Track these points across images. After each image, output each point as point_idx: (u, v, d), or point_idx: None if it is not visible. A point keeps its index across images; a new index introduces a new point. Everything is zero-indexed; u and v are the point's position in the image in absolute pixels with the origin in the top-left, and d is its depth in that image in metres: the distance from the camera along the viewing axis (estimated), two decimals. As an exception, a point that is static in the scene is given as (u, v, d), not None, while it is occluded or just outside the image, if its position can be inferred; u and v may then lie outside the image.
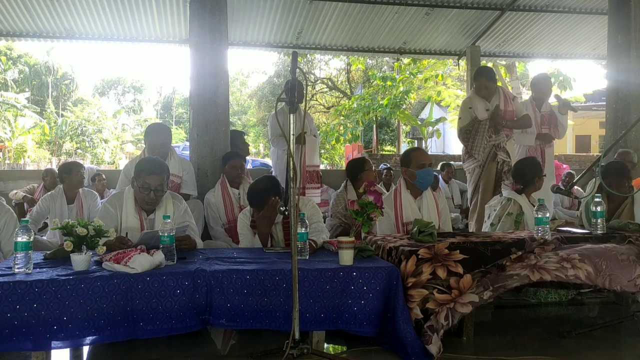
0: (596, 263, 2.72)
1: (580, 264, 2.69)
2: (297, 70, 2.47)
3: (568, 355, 2.64)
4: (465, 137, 4.76)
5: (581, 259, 2.71)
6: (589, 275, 2.68)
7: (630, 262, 2.79)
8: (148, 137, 4.10)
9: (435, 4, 7.10)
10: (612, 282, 2.73)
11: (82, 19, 6.87)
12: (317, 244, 3.01)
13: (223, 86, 4.73)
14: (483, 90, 4.77)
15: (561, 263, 2.68)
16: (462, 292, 2.58)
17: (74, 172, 4.85)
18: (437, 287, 2.57)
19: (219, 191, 4.18)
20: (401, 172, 3.63)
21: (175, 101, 43.08)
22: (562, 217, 6.46)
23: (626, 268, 2.77)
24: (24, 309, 2.19)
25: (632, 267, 2.79)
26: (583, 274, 2.67)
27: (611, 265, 2.75)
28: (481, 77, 4.81)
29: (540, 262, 2.69)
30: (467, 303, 2.55)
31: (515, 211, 3.61)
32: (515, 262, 2.69)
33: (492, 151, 4.65)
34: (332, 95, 25.40)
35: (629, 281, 2.77)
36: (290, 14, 7.13)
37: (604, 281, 2.71)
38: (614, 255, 2.78)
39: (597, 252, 2.77)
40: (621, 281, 2.75)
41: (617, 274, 2.75)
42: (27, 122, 25.88)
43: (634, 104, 5.44)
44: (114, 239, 2.80)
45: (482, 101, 4.74)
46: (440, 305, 2.54)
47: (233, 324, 2.46)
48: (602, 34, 7.19)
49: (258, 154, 30.51)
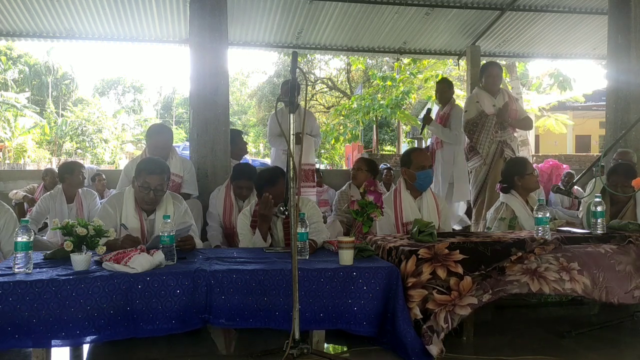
0: (594, 275, 2.74)
1: (579, 276, 2.71)
2: (297, 70, 2.47)
3: (568, 355, 2.64)
4: (471, 130, 4.75)
5: (580, 270, 2.72)
6: (585, 288, 2.70)
7: (626, 273, 2.82)
8: (150, 139, 4.08)
9: (435, 4, 7.10)
10: (608, 294, 2.76)
11: (82, 19, 6.86)
12: (317, 244, 3.02)
13: (223, 86, 4.73)
14: (490, 80, 4.77)
15: (560, 274, 2.69)
16: (462, 294, 2.57)
17: (76, 172, 4.86)
18: (437, 287, 2.57)
19: (222, 193, 4.10)
20: (401, 172, 3.64)
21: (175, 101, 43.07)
22: (562, 217, 6.46)
23: (622, 280, 2.80)
24: (25, 309, 2.20)
25: (628, 278, 2.82)
26: (580, 288, 2.69)
27: (608, 277, 2.77)
28: (489, 67, 4.85)
29: (541, 267, 2.69)
30: (465, 305, 2.55)
31: (508, 215, 3.60)
32: (515, 263, 2.69)
33: (499, 147, 4.65)
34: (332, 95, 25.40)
35: (625, 293, 2.81)
36: (290, 14, 7.13)
37: (601, 294, 2.74)
38: (612, 265, 2.79)
39: (597, 260, 2.77)
40: (618, 293, 2.78)
41: (614, 286, 2.77)
42: (27, 122, 25.87)
43: (634, 104, 5.43)
44: (123, 237, 2.80)
45: (488, 96, 4.75)
46: (439, 306, 2.54)
47: (233, 324, 2.46)
48: (602, 34, 7.19)
49: (258, 154, 30.52)
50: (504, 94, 4.79)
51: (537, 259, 2.72)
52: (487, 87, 4.79)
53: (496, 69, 4.81)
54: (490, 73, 4.80)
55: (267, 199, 3.10)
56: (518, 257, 2.71)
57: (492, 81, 4.77)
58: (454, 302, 2.55)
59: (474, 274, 2.63)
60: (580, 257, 2.77)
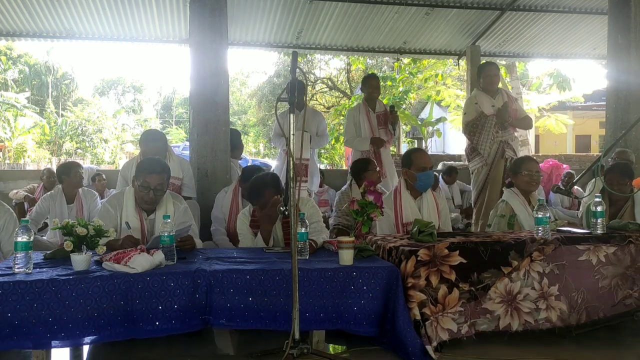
0: (572, 299, 2.77)
1: (556, 302, 2.75)
2: (297, 70, 2.47)
3: (568, 355, 2.64)
4: (471, 131, 4.75)
5: (558, 296, 2.75)
6: (562, 314, 2.74)
7: (611, 287, 2.85)
8: (142, 145, 3.99)
9: (435, 4, 7.10)
10: (590, 313, 2.80)
11: (82, 19, 6.87)
12: (317, 244, 3.02)
13: (223, 86, 4.73)
14: (488, 80, 4.78)
15: (537, 303, 2.72)
16: (445, 308, 2.60)
17: (73, 172, 4.86)
18: (429, 296, 2.60)
19: (229, 196, 3.99)
20: (402, 173, 3.63)
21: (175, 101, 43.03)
22: (563, 217, 6.45)
23: (606, 296, 2.84)
24: (24, 309, 2.19)
25: (614, 292, 2.85)
26: (555, 315, 2.73)
27: (589, 298, 2.81)
28: (486, 67, 4.88)
29: (522, 293, 2.72)
30: (445, 329, 2.58)
31: (507, 213, 3.59)
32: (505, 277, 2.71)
33: (500, 148, 4.65)
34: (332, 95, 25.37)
35: (613, 306, 2.84)
36: (290, 14, 7.13)
37: (579, 317, 2.78)
38: (595, 283, 2.82)
39: (580, 278, 2.80)
40: (603, 309, 2.82)
41: (596, 304, 2.81)
42: (27, 122, 25.84)
43: (634, 104, 5.44)
44: (123, 238, 2.80)
45: (487, 97, 4.75)
46: (431, 315, 2.57)
47: (233, 324, 2.46)
48: (602, 34, 7.19)
49: (258, 154, 30.50)
50: (503, 94, 4.79)
51: (526, 275, 2.74)
52: (485, 88, 4.79)
53: (492, 69, 4.82)
54: (487, 73, 4.80)
55: (277, 201, 3.10)
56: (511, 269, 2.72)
57: (490, 81, 4.77)
58: (438, 316, 2.58)
59: (463, 287, 2.65)
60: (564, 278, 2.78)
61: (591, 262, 2.85)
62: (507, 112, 4.63)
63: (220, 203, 4.03)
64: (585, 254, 2.85)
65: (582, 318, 2.78)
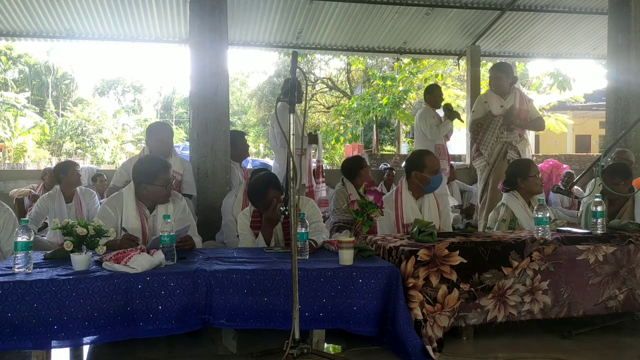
0: (558, 293, 2.80)
1: (542, 296, 2.79)
2: (297, 70, 2.47)
3: (568, 355, 2.64)
4: (476, 130, 4.76)
5: (546, 290, 2.79)
6: (544, 307, 2.79)
7: (599, 285, 2.86)
8: (152, 134, 3.99)
9: (435, 4, 7.11)
10: (571, 309, 2.83)
11: (82, 19, 6.87)
12: (317, 244, 3.01)
13: (223, 86, 4.73)
14: (492, 82, 4.80)
15: (523, 297, 2.76)
16: (444, 307, 2.62)
17: (70, 171, 4.89)
18: (427, 296, 2.60)
19: (239, 201, 3.84)
20: (412, 175, 3.56)
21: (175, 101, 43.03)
22: (563, 217, 6.45)
23: (592, 293, 2.86)
24: (24, 309, 2.19)
25: (599, 290, 2.87)
26: (538, 308, 2.78)
27: (575, 293, 2.83)
28: (490, 70, 4.91)
29: (513, 287, 2.75)
30: (441, 327, 2.60)
31: (508, 217, 3.60)
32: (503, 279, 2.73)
33: (503, 149, 4.65)
34: (332, 95, 25.38)
35: (595, 305, 2.87)
36: (290, 14, 7.13)
37: (560, 310, 2.82)
38: (585, 280, 2.85)
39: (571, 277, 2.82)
40: (585, 306, 2.85)
41: (579, 301, 2.84)
42: (27, 122, 25.85)
43: (634, 104, 5.44)
44: (122, 238, 2.80)
45: (497, 98, 4.77)
46: (429, 314, 2.58)
47: (233, 324, 2.47)
48: (602, 34, 7.19)
49: (258, 154, 30.49)
50: (516, 95, 4.78)
51: (521, 272, 2.76)
52: (495, 89, 4.82)
53: (494, 71, 4.84)
54: (492, 75, 4.85)
55: (279, 202, 3.10)
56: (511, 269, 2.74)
57: (496, 83, 4.79)
58: (435, 315, 2.59)
59: (463, 288, 2.66)
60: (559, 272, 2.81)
61: (588, 260, 2.86)
62: (512, 114, 4.63)
63: (229, 209, 3.91)
64: (584, 254, 2.86)
65: (561, 312, 2.82)
